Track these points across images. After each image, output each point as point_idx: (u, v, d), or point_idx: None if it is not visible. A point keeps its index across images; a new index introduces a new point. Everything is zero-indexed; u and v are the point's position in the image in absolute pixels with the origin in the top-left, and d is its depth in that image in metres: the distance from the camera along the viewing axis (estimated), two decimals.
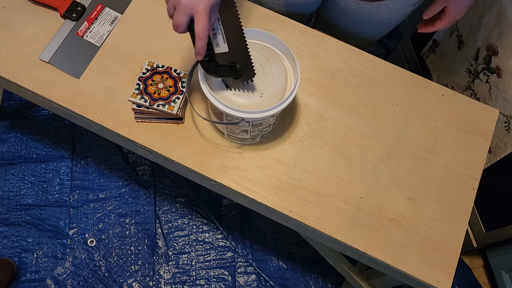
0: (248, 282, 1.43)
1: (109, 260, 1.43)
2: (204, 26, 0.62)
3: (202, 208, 1.51)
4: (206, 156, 0.85)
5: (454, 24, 1.29)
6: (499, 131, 1.14)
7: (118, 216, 1.48)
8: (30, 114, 1.60)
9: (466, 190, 0.87)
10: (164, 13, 0.97)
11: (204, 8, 0.61)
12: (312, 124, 0.90)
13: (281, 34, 0.97)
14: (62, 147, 1.56)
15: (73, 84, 0.89)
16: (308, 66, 0.95)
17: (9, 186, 1.49)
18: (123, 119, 0.87)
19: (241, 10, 0.98)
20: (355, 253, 0.83)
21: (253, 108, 0.73)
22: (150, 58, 0.92)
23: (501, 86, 1.10)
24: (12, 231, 1.43)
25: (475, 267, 1.51)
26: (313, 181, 0.85)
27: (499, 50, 1.10)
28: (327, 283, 1.45)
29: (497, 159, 1.18)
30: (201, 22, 0.61)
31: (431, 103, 0.95)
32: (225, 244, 1.48)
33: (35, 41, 0.91)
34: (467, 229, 0.86)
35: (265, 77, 0.75)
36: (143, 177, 1.54)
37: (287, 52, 0.76)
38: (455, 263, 0.81)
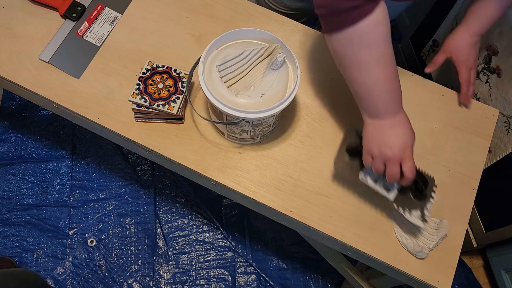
0: (248, 282, 1.43)
1: (109, 260, 1.43)
2: (412, 167, 0.69)
3: (202, 208, 1.51)
4: (206, 156, 0.85)
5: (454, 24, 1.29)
6: (499, 131, 1.14)
7: (118, 216, 1.48)
8: (30, 114, 1.59)
9: (466, 190, 0.87)
10: (164, 13, 0.97)
11: (410, 153, 0.69)
12: (312, 124, 0.90)
13: (281, 34, 0.97)
14: (62, 147, 1.56)
15: (73, 84, 0.89)
16: (308, 66, 0.95)
17: (9, 186, 1.49)
18: (123, 119, 0.87)
19: (241, 10, 0.98)
20: (355, 253, 0.83)
21: (253, 108, 0.73)
22: (150, 58, 0.92)
23: (501, 86, 1.10)
24: (12, 231, 1.43)
25: (475, 267, 1.51)
26: (313, 181, 0.85)
27: (499, 50, 1.10)
28: (327, 283, 1.45)
29: (497, 159, 1.18)
30: (409, 164, 0.69)
31: (431, 103, 0.95)
32: (225, 244, 1.48)
33: (35, 41, 0.91)
34: (467, 229, 0.86)
35: (266, 77, 0.75)
36: (143, 177, 1.54)
37: (287, 52, 0.76)
38: (455, 263, 0.81)
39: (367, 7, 0.59)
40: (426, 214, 0.76)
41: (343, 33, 0.61)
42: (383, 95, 0.66)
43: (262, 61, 0.75)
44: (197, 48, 0.94)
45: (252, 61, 0.74)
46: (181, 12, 0.97)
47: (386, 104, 0.67)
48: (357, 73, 0.65)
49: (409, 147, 0.69)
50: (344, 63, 0.66)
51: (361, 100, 0.69)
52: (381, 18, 0.60)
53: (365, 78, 0.65)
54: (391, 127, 0.69)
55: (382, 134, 0.69)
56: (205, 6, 0.98)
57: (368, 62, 0.63)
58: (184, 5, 0.98)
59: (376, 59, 0.63)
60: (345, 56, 0.64)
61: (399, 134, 0.69)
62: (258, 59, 0.75)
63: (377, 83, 0.65)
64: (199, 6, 0.98)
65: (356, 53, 0.63)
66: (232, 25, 0.97)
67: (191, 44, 0.94)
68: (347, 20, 0.59)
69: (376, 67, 0.64)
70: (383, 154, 0.70)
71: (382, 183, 0.77)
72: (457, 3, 1.27)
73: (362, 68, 0.64)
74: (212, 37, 0.85)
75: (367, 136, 0.72)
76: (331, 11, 0.60)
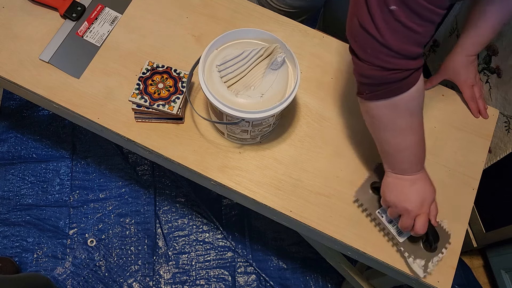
0: (248, 282, 1.43)
1: (109, 260, 1.43)
2: (424, 224, 0.71)
3: (202, 208, 1.51)
4: (206, 156, 0.85)
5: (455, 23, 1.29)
6: (499, 131, 1.14)
7: (118, 216, 1.48)
8: (30, 114, 1.59)
9: (466, 190, 0.87)
10: (164, 13, 0.97)
11: (426, 209, 0.71)
12: (312, 124, 0.90)
13: (281, 34, 0.97)
14: (62, 147, 1.56)
15: (73, 84, 0.89)
16: (308, 66, 0.95)
17: (9, 186, 1.49)
18: (123, 119, 0.86)
19: (241, 10, 0.98)
20: (355, 253, 0.83)
21: (253, 108, 0.73)
22: (150, 58, 0.92)
23: (501, 86, 1.10)
24: (12, 231, 1.43)
25: (475, 267, 1.51)
26: (313, 181, 0.85)
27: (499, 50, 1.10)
28: (327, 283, 1.45)
29: (497, 159, 1.18)
30: (422, 220, 0.71)
31: (431, 103, 0.95)
32: (225, 244, 1.48)
33: (35, 41, 0.91)
34: (467, 229, 0.86)
35: (266, 77, 0.75)
36: (143, 177, 1.54)
37: (287, 52, 0.76)
38: (455, 263, 0.81)
39: (414, 77, 0.59)
40: (430, 267, 0.78)
41: (387, 100, 0.60)
42: (412, 157, 0.68)
43: (262, 61, 0.75)
44: (197, 48, 0.94)
45: (252, 61, 0.74)
46: (181, 12, 0.97)
47: (412, 164, 0.69)
48: (391, 137, 0.66)
49: (426, 204, 0.71)
50: (379, 126, 0.66)
51: (388, 158, 0.70)
52: (422, 85, 0.61)
53: (399, 142, 0.66)
54: (412, 183, 0.70)
55: (403, 189, 0.71)
56: (205, 6, 0.98)
57: (405, 128, 0.64)
58: (184, 5, 0.98)
59: (413, 126, 0.64)
60: (382, 121, 0.65)
61: (419, 190, 0.71)
62: (258, 59, 0.75)
63: (408, 148, 0.67)
64: (199, 6, 0.98)
65: (396, 120, 0.63)
66: (232, 25, 0.97)
67: (191, 44, 0.94)
68: (395, 90, 0.59)
69: (411, 133, 0.65)
70: (400, 207, 0.72)
71: (395, 225, 0.80)
72: (457, 3, 1.27)
73: (398, 133, 0.65)
74: (212, 37, 0.85)
75: (387, 187, 0.73)
76: (378, 82, 0.59)
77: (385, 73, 0.57)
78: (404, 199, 0.71)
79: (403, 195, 0.71)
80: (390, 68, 0.56)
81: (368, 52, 0.57)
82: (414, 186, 0.71)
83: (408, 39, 0.54)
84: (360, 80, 0.62)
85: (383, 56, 0.55)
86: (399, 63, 0.56)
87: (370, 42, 0.55)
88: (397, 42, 0.54)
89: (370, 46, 0.56)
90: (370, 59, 0.57)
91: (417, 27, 0.53)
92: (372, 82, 0.60)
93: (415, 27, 0.53)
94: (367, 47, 0.56)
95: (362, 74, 0.60)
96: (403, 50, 0.55)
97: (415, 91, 0.60)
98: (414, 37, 0.54)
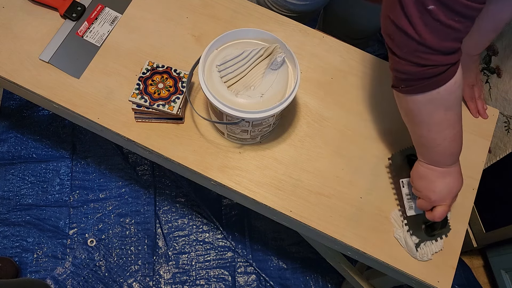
0: (248, 282, 1.43)
1: (109, 260, 1.43)
2: (444, 214, 0.72)
3: (202, 208, 1.51)
4: (206, 156, 0.85)
5: None
6: (499, 131, 1.14)
7: (118, 216, 1.48)
8: (30, 114, 1.59)
9: (466, 190, 0.87)
10: (164, 13, 0.97)
11: (450, 201, 0.72)
12: (312, 124, 0.90)
13: (281, 34, 0.97)
14: (62, 147, 1.56)
15: (73, 84, 0.89)
16: (308, 66, 0.95)
17: (9, 186, 1.49)
18: (123, 119, 0.86)
19: (241, 10, 0.98)
20: (355, 253, 0.83)
21: (253, 108, 0.73)
22: (150, 58, 0.92)
23: (501, 86, 1.10)
24: (12, 231, 1.43)
25: (475, 267, 1.51)
26: (313, 181, 0.85)
27: (499, 50, 1.10)
28: (327, 283, 1.45)
29: (497, 159, 1.18)
30: (443, 209, 0.72)
31: None
32: (225, 244, 1.48)
33: (35, 41, 0.91)
34: (467, 229, 0.86)
35: (266, 77, 0.75)
36: (143, 177, 1.54)
37: (287, 52, 0.76)
38: (455, 263, 0.81)
39: (452, 70, 0.58)
40: (421, 247, 0.79)
41: (424, 95, 0.60)
42: (446, 151, 0.68)
43: (262, 61, 0.75)
44: (197, 48, 0.94)
45: (252, 61, 0.74)
46: (181, 12, 0.97)
47: (446, 158, 0.69)
48: (426, 130, 0.66)
49: (450, 197, 0.72)
50: (414, 120, 0.65)
51: (423, 150, 0.70)
52: (460, 79, 0.60)
53: (435, 136, 0.66)
54: (443, 175, 0.70)
55: (433, 179, 0.71)
56: (205, 6, 0.98)
57: (442, 122, 0.64)
58: (184, 5, 0.98)
59: (449, 120, 0.64)
60: (418, 114, 0.64)
61: (449, 183, 0.71)
62: (258, 59, 0.75)
63: (444, 142, 0.66)
64: (199, 6, 0.98)
65: (432, 114, 0.63)
66: (232, 25, 0.97)
67: (191, 44, 0.94)
68: (432, 85, 0.59)
69: (447, 127, 0.64)
70: (425, 195, 0.72)
71: (411, 199, 0.81)
72: None
73: (433, 127, 0.64)
74: (212, 37, 0.85)
75: (418, 174, 0.73)
76: (416, 77, 0.59)
77: (422, 69, 0.57)
78: (431, 189, 0.71)
79: (431, 186, 0.71)
80: (428, 64, 0.56)
81: (405, 51, 0.56)
82: (444, 179, 0.70)
83: (447, 36, 0.54)
84: (396, 75, 0.62)
85: (421, 53, 0.55)
86: (437, 59, 0.56)
87: (407, 42, 0.55)
88: (436, 40, 0.53)
89: (407, 45, 0.55)
90: (407, 56, 0.57)
91: (456, 24, 0.53)
92: (409, 77, 0.59)
93: (454, 24, 0.53)
94: (404, 46, 0.56)
95: (399, 70, 0.60)
96: (442, 47, 0.54)
97: (452, 84, 0.59)
98: (453, 34, 0.54)
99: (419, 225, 0.81)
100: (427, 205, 0.73)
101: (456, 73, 0.59)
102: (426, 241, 0.80)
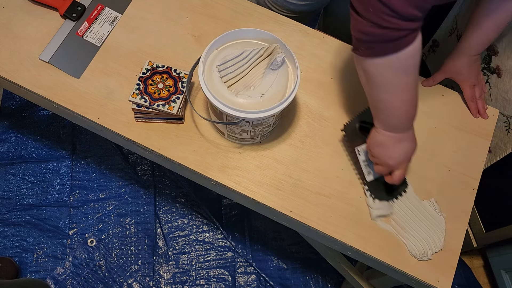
0: (248, 282, 1.43)
1: (109, 260, 1.43)
2: (401, 176, 0.76)
3: (202, 208, 1.51)
4: (206, 156, 0.85)
5: (454, 24, 1.29)
6: (499, 131, 1.14)
7: (118, 216, 1.48)
8: (30, 114, 1.59)
9: (466, 190, 0.87)
10: (164, 13, 0.97)
11: (406, 164, 0.76)
12: (312, 124, 0.90)
13: (281, 34, 0.97)
14: (62, 147, 1.56)
15: (73, 84, 0.89)
16: (308, 66, 0.95)
17: (9, 186, 1.49)
18: (123, 119, 0.86)
19: (241, 10, 0.98)
20: (355, 253, 0.83)
21: (253, 108, 0.73)
22: (150, 58, 0.92)
23: (501, 86, 1.10)
24: (12, 231, 1.43)
25: (475, 267, 1.51)
26: (313, 181, 0.85)
27: (499, 50, 1.10)
28: (327, 283, 1.45)
29: (497, 159, 1.18)
30: (400, 173, 0.76)
31: (431, 103, 0.95)
32: (225, 244, 1.48)
33: (35, 41, 0.91)
34: (467, 229, 0.86)
35: (266, 77, 0.75)
36: (143, 177, 1.54)
37: (287, 52, 0.76)
38: (455, 263, 0.81)
39: (412, 36, 0.60)
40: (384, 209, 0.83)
41: (383, 58, 0.61)
42: (403, 115, 0.69)
43: (262, 61, 0.75)
44: (197, 48, 0.94)
45: (252, 61, 0.74)
46: (181, 12, 0.97)
47: (403, 122, 0.71)
48: (385, 94, 0.67)
49: (407, 161, 0.75)
50: (373, 84, 0.67)
51: (380, 115, 0.71)
52: (419, 45, 0.62)
53: (392, 99, 0.67)
54: (400, 141, 0.72)
55: (389, 146, 0.73)
56: (205, 6, 0.98)
57: (398, 86, 0.65)
58: (184, 5, 0.98)
59: (407, 85, 0.65)
60: (377, 78, 0.65)
61: (404, 148, 0.73)
62: (258, 59, 0.75)
63: (401, 106, 0.68)
64: (199, 6, 0.98)
65: (390, 78, 0.64)
66: (232, 25, 0.97)
67: (191, 44, 0.94)
68: (391, 48, 0.60)
69: (405, 91, 0.66)
70: (384, 161, 0.75)
71: (368, 166, 0.84)
72: (457, 3, 1.27)
73: (391, 91, 0.66)
74: (212, 37, 0.85)
75: (375, 141, 0.74)
76: (376, 40, 0.60)
77: (383, 31, 0.58)
78: (388, 155, 0.74)
79: (388, 152, 0.74)
80: (389, 27, 0.58)
81: (370, 10, 0.58)
82: (400, 144, 0.73)
83: (411, 2, 0.55)
84: (357, 37, 0.63)
85: (384, 15, 0.56)
86: (399, 23, 0.57)
87: (373, 2, 0.56)
88: (401, 4, 0.55)
89: (372, 5, 0.57)
90: (370, 17, 0.58)
91: None
92: (369, 39, 0.61)
93: None
94: (370, 5, 0.57)
95: (361, 31, 0.61)
96: (405, 12, 0.56)
97: (411, 50, 0.61)
98: (419, 2, 0.56)
99: (380, 187, 0.84)
100: (386, 170, 0.76)
101: (416, 40, 0.61)
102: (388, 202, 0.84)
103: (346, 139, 0.87)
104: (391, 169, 0.76)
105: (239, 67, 0.74)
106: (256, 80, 0.74)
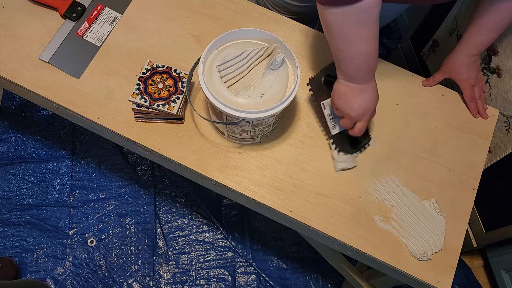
0: (248, 282, 1.43)
1: (109, 260, 1.43)
2: (363, 128, 0.79)
3: (202, 208, 1.51)
4: (206, 156, 0.85)
5: (454, 24, 1.29)
6: (499, 131, 1.14)
7: (118, 216, 1.48)
8: (30, 114, 1.59)
9: (466, 190, 0.87)
10: (164, 13, 0.97)
11: (368, 116, 0.78)
12: (312, 124, 0.90)
13: (281, 34, 0.97)
14: (62, 147, 1.56)
15: (73, 84, 0.89)
16: (308, 66, 0.95)
17: (9, 186, 1.49)
18: (123, 119, 0.87)
19: (241, 10, 0.98)
20: (355, 253, 0.83)
21: (253, 108, 0.73)
22: (150, 58, 0.92)
23: (501, 86, 1.10)
24: (12, 231, 1.43)
25: (475, 267, 1.51)
26: (313, 181, 0.85)
27: (499, 50, 1.10)
28: (327, 283, 1.45)
29: (497, 159, 1.18)
30: (362, 125, 0.78)
31: (431, 103, 0.95)
32: (225, 244, 1.48)
33: (35, 41, 0.91)
34: (467, 229, 0.86)
35: (266, 77, 0.75)
36: (143, 177, 1.54)
37: (287, 52, 0.76)
38: (455, 263, 0.81)
39: None
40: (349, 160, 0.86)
41: (340, 8, 0.63)
42: (362, 65, 0.71)
43: (262, 61, 0.75)
44: (197, 48, 0.94)
45: (252, 61, 0.74)
46: (181, 12, 0.97)
47: (363, 73, 0.72)
48: (343, 44, 0.69)
49: (368, 113, 0.77)
50: (333, 33, 0.68)
51: (340, 65, 0.73)
52: (377, 1, 0.63)
53: (350, 49, 0.69)
54: (361, 91, 0.74)
55: (351, 95, 0.75)
56: (205, 6, 0.98)
57: (356, 37, 0.67)
58: (184, 5, 0.98)
59: (364, 36, 0.67)
60: (336, 28, 0.67)
61: (366, 99, 0.76)
62: (258, 59, 0.75)
63: (359, 56, 0.69)
64: (199, 6, 0.98)
65: (348, 28, 0.66)
66: (232, 25, 0.97)
67: (191, 44, 0.94)
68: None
69: (362, 43, 0.68)
70: (346, 112, 0.77)
71: (333, 119, 0.86)
72: (457, 3, 1.27)
73: (349, 41, 0.68)
74: (212, 37, 0.85)
75: (337, 93, 0.77)
76: None
77: None
78: (350, 106, 0.76)
79: (350, 103, 0.76)
80: None
81: None
82: (361, 95, 0.75)
83: None
84: None
85: None
86: None
87: None
88: None
89: None
90: None
91: None
92: None
93: None
94: None
95: None
96: None
97: (368, 4, 0.62)
98: None
99: (344, 141, 0.86)
100: (349, 123, 0.78)
101: None
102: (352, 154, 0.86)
103: (311, 95, 0.88)
104: (353, 121, 0.78)
105: (239, 67, 0.74)
106: (256, 80, 0.74)
